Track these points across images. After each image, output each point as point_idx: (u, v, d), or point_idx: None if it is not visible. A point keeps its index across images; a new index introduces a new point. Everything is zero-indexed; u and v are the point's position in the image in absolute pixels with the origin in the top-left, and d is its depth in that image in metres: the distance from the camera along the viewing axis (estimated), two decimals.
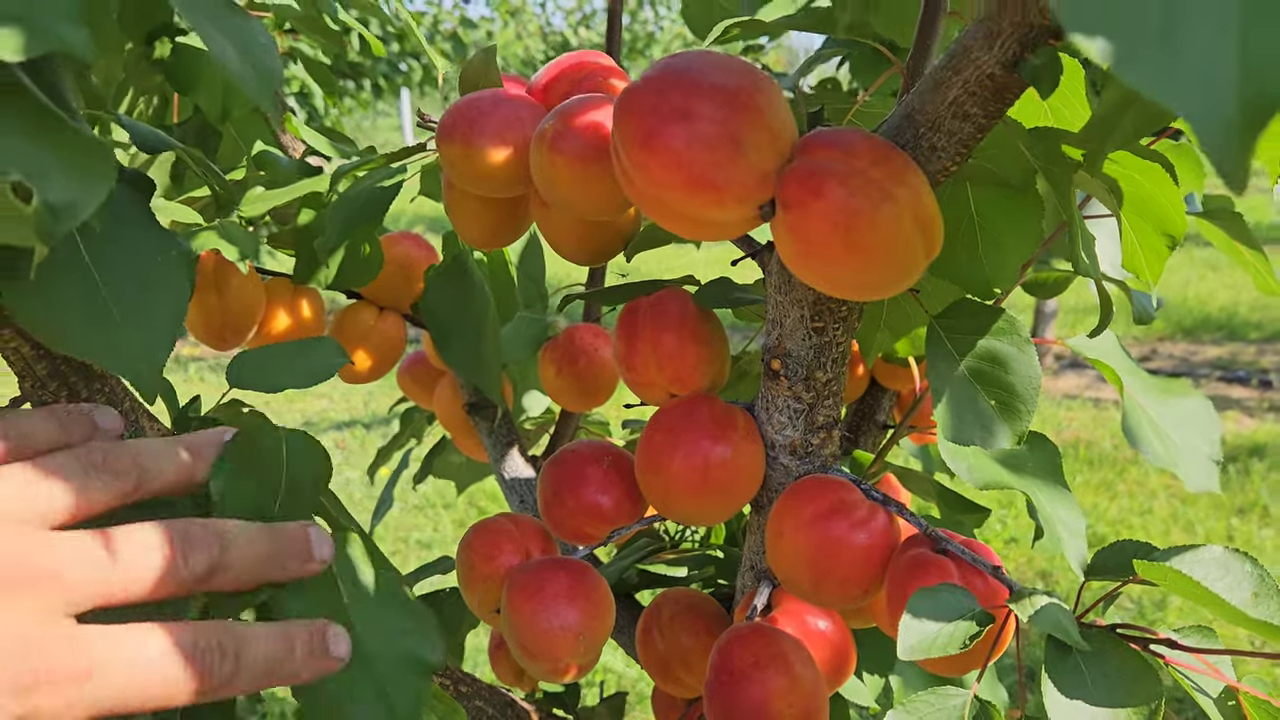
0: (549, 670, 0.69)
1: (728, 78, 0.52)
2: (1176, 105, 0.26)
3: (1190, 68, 0.26)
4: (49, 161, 0.40)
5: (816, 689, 0.68)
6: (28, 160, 0.39)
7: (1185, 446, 0.86)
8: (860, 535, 0.64)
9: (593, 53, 0.78)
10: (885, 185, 0.51)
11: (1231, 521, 3.20)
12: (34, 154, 0.40)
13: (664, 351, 0.69)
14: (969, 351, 0.69)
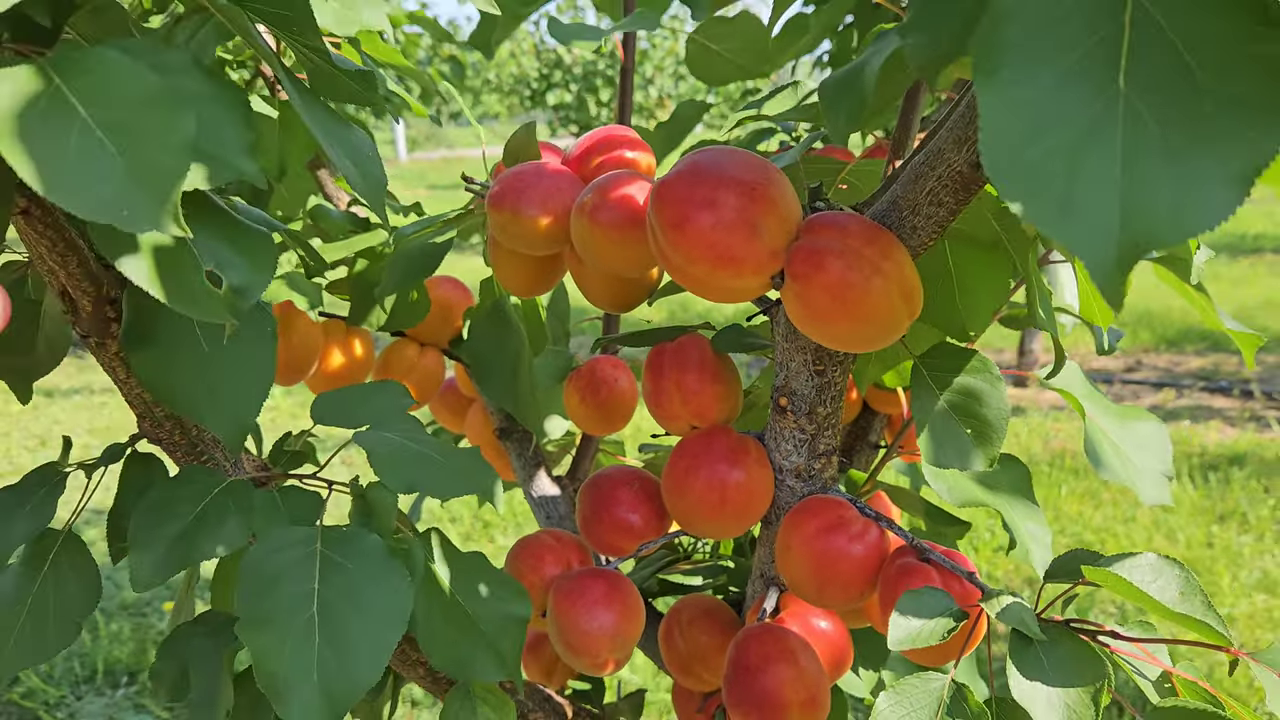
0: (589, 665, 0.80)
1: (745, 172, 0.64)
2: (1073, 249, 0.38)
3: (1084, 224, 0.38)
4: (232, 255, 0.52)
5: (820, 679, 0.80)
6: (218, 255, 0.51)
7: (1142, 466, 0.97)
8: (857, 547, 0.75)
9: (618, 127, 0.90)
10: (875, 261, 0.62)
11: (1212, 528, 3.32)
12: (222, 250, 0.51)
13: (687, 389, 0.80)
14: (947, 387, 0.80)
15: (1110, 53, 0.40)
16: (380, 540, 0.67)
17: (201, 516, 0.69)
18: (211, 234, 0.52)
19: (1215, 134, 0.38)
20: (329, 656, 0.63)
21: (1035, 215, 0.38)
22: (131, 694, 2.58)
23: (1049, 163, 0.38)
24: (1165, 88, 0.39)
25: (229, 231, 0.53)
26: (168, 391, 0.62)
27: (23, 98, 0.46)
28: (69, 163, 0.46)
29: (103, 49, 0.49)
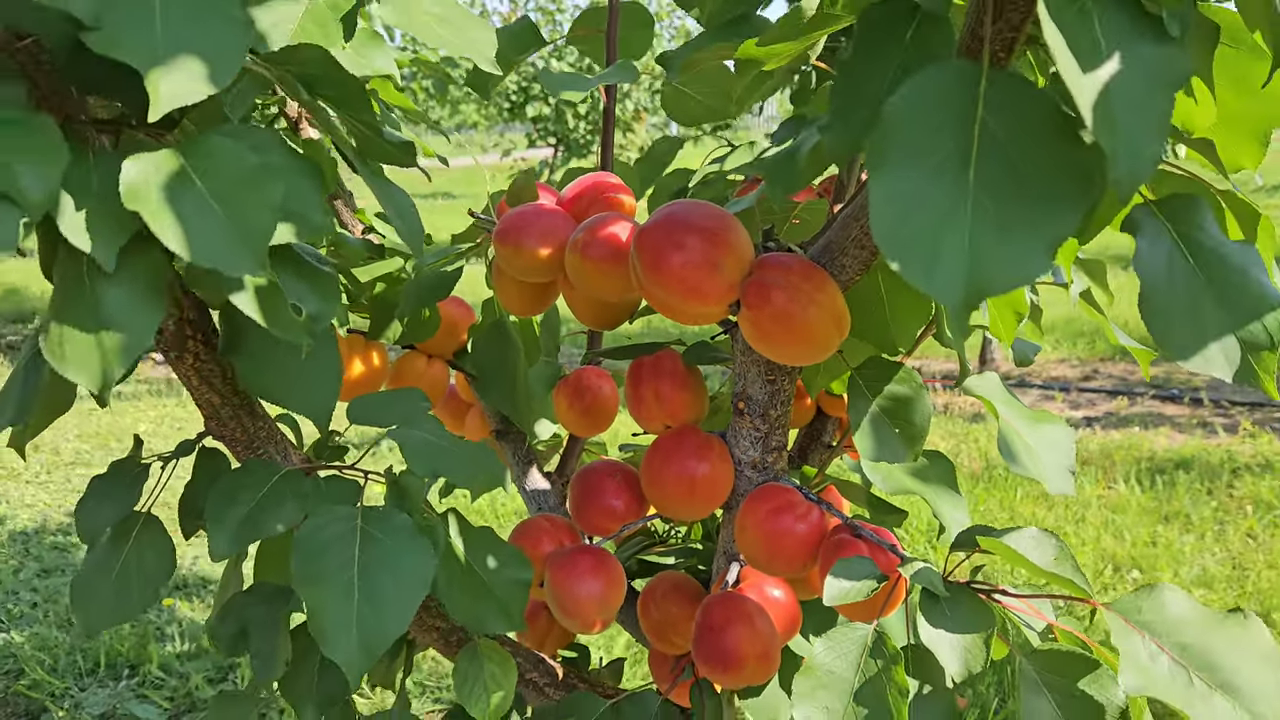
0: (581, 625, 0.96)
1: (708, 221, 0.80)
2: (934, 297, 0.54)
3: (941, 280, 0.54)
4: (307, 291, 0.67)
5: (773, 638, 0.96)
6: (298, 291, 0.66)
7: (1049, 462, 1.13)
8: (801, 526, 0.91)
9: (604, 174, 1.06)
10: (811, 294, 0.78)
11: (1157, 528, 3.52)
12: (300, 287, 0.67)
13: (662, 395, 0.96)
14: (879, 394, 0.96)
15: (964, 156, 0.56)
16: (409, 518, 0.82)
17: (264, 500, 0.84)
18: (292, 274, 0.67)
19: (1034, 217, 0.54)
20: (366, 611, 0.78)
21: (907, 274, 0.54)
22: (133, 685, 2.70)
23: (917, 236, 0.54)
24: (1001, 183, 0.55)
25: (304, 272, 0.69)
26: (262, 388, 0.78)
27: (163, 175, 0.61)
28: (190, 223, 0.61)
29: (215, 136, 0.64)
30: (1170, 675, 0.74)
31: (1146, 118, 0.52)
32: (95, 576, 0.87)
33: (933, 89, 0.57)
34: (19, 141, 0.58)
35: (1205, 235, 0.66)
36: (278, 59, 0.71)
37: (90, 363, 0.62)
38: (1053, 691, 0.80)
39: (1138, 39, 0.53)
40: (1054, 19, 0.52)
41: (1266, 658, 0.74)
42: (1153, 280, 0.65)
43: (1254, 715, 0.72)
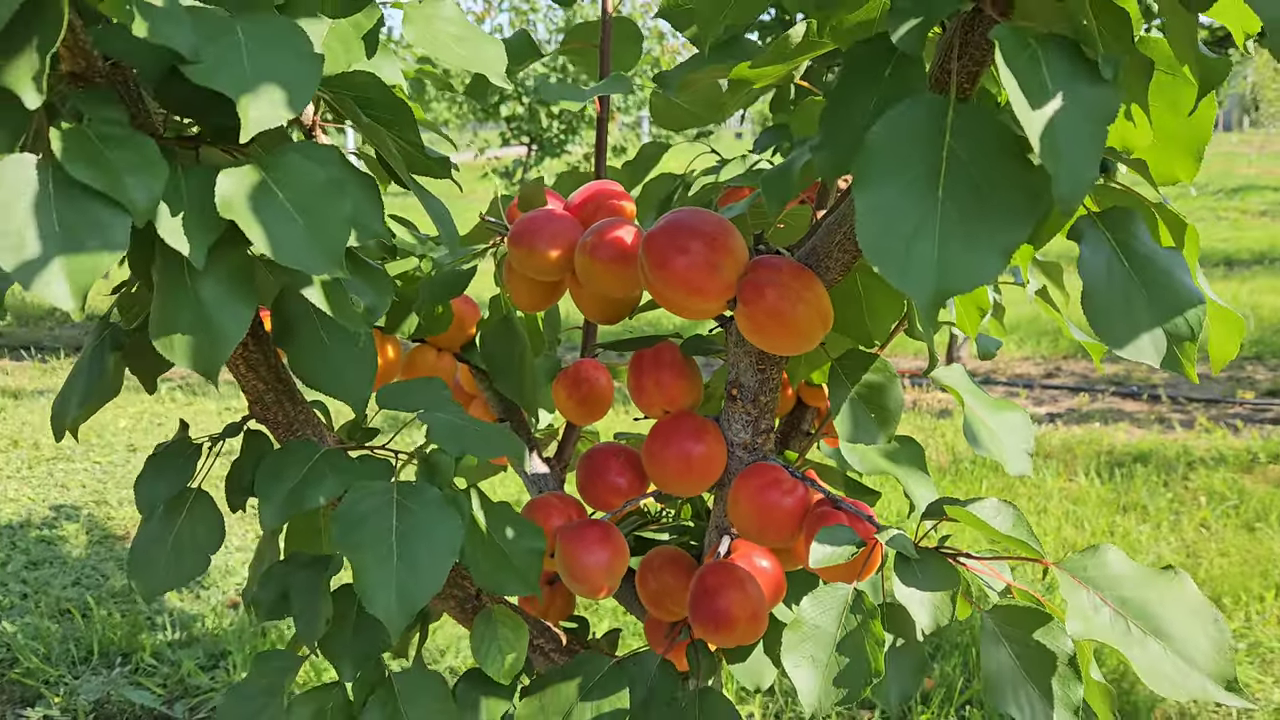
0: (589, 590, 1.06)
1: (708, 227, 0.90)
2: (908, 295, 0.64)
3: (914, 281, 0.64)
4: (364, 287, 0.77)
5: (762, 602, 1.06)
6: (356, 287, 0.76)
7: (1009, 445, 1.25)
8: (788, 500, 1.02)
9: (607, 183, 1.16)
10: (799, 292, 0.89)
11: (1115, 518, 3.67)
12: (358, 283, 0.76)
13: (662, 384, 1.06)
14: (857, 382, 1.07)
15: (933, 175, 0.66)
16: (439, 491, 0.92)
17: (307, 476, 0.93)
18: (353, 273, 0.77)
19: (992, 228, 0.65)
20: (404, 573, 0.88)
21: (886, 275, 0.65)
22: (126, 672, 2.77)
23: (895, 244, 0.65)
24: (965, 198, 0.66)
25: (363, 271, 0.78)
26: (308, 375, 0.87)
27: (248, 187, 0.71)
28: (274, 230, 0.70)
29: (289, 153, 0.74)
30: (1111, 624, 0.85)
31: (1085, 147, 0.63)
32: (151, 546, 0.96)
33: (907, 118, 0.67)
34: (125, 157, 0.67)
35: (1139, 243, 0.78)
36: (335, 84, 0.81)
37: (196, 350, 0.71)
38: (1010, 642, 0.92)
39: (1078, 80, 0.64)
40: (1009, 64, 0.62)
41: (1194, 609, 0.86)
42: (1093, 281, 0.76)
43: (1183, 657, 0.84)
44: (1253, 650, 2.81)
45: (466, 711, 1.08)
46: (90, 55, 0.72)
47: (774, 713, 2.53)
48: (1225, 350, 0.90)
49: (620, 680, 1.06)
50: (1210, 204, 14.19)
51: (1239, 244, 10.22)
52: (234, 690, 1.02)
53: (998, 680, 0.90)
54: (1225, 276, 8.51)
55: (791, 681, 0.89)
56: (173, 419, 5.06)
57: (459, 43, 1.10)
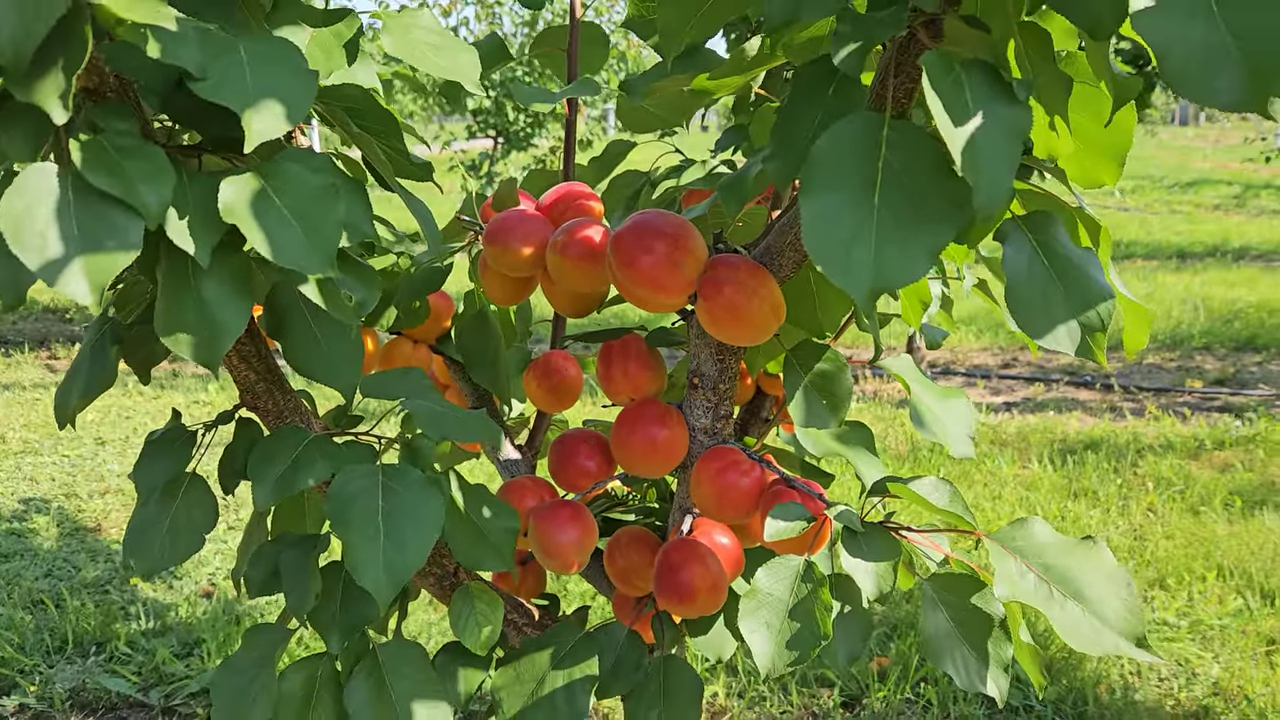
0: (560, 566, 1.13)
1: (671, 228, 0.98)
2: (849, 292, 0.72)
3: (854, 279, 0.72)
4: (355, 283, 0.84)
5: (721, 575, 1.14)
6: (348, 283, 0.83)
7: (953, 430, 1.33)
8: (745, 480, 1.10)
9: (577, 184, 1.23)
10: (754, 288, 0.97)
11: (1066, 504, 3.80)
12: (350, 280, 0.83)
13: (629, 373, 1.14)
14: (810, 371, 1.15)
15: (870, 184, 0.74)
16: (422, 474, 0.99)
17: (298, 460, 1.00)
18: (345, 271, 0.84)
19: (922, 232, 0.73)
20: (390, 549, 0.95)
21: (828, 273, 0.73)
22: (101, 661, 2.81)
23: (836, 246, 0.73)
24: (898, 206, 0.74)
25: (353, 269, 0.85)
26: (301, 365, 0.94)
27: (248, 193, 0.77)
28: (273, 233, 0.77)
29: (285, 161, 0.80)
30: (1035, 588, 0.94)
31: (1001, 161, 0.71)
32: (149, 527, 1.02)
33: (848, 133, 0.75)
34: (139, 166, 0.74)
35: (1057, 243, 0.86)
36: (328, 96, 0.87)
37: (199, 343, 0.78)
38: (948, 607, 1.00)
39: (996, 101, 0.72)
40: (934, 87, 0.70)
41: (1109, 575, 0.95)
42: (1015, 278, 0.84)
43: (1098, 617, 0.92)
44: (1194, 628, 2.94)
45: (446, 680, 1.16)
46: (103, 72, 0.78)
47: (737, 691, 2.62)
48: (1137, 340, 0.99)
49: (590, 649, 1.14)
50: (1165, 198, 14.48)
51: (1192, 237, 10.46)
52: (226, 664, 1.08)
53: (936, 641, 0.99)
54: (1178, 269, 8.72)
55: (748, 645, 0.97)
56: (140, 412, 5.07)
57: (437, 52, 1.16)
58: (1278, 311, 6.90)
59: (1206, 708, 2.56)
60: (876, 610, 2.99)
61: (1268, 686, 2.62)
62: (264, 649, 1.09)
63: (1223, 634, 2.90)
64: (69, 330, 6.95)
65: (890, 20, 0.75)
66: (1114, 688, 2.63)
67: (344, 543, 0.93)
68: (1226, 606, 3.04)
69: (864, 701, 2.60)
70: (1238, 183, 16.44)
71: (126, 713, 2.63)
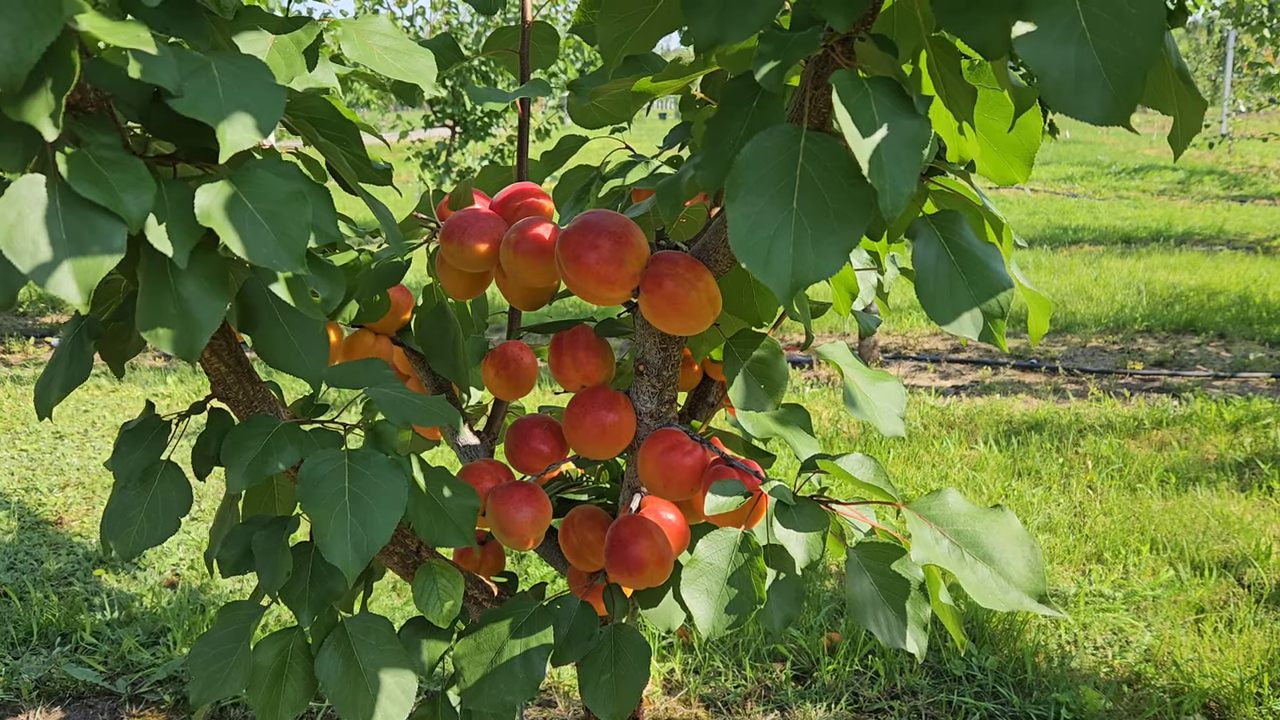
0: (516, 543, 1.21)
1: (615, 227, 1.06)
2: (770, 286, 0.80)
3: (775, 275, 0.81)
4: (321, 280, 0.91)
5: (667, 550, 1.23)
6: (315, 282, 0.90)
7: (883, 410, 1.43)
8: (688, 459, 1.18)
9: (529, 184, 1.31)
10: (692, 281, 1.05)
11: (1010, 483, 3.94)
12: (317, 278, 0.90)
13: (578, 361, 1.22)
14: (748, 358, 1.24)
15: (789, 190, 0.83)
16: (385, 457, 1.06)
17: (268, 446, 1.07)
18: (312, 269, 0.91)
19: (833, 231, 0.82)
20: (357, 526, 1.02)
21: (752, 270, 0.81)
22: (66, 651, 2.84)
23: (759, 245, 0.81)
24: (814, 207, 0.82)
25: (320, 267, 0.92)
26: (270, 356, 1.01)
27: (222, 199, 0.84)
28: (246, 235, 0.84)
29: (256, 168, 0.87)
30: (948, 552, 1.03)
31: (904, 167, 0.79)
32: (127, 511, 1.09)
33: (769, 144, 0.83)
34: (121, 176, 0.80)
35: (962, 239, 0.95)
36: (295, 108, 0.94)
37: (178, 338, 0.85)
38: (872, 573, 1.10)
39: (899, 114, 0.80)
40: (843, 102, 0.79)
41: (1016, 538, 1.04)
42: (923, 271, 0.93)
43: (1005, 577, 1.02)
44: (1129, 599, 3.08)
45: (411, 651, 1.23)
46: (85, 87, 0.84)
47: (693, 667, 2.71)
48: (1039, 326, 1.08)
49: (546, 620, 1.22)
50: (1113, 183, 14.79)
51: (1138, 222, 10.71)
52: (204, 638, 1.15)
53: (860, 603, 1.08)
54: (1124, 254, 8.94)
55: (689, 610, 1.06)
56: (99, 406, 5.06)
57: (393, 55, 1.23)
58: (1217, 295, 7.13)
59: (1138, 674, 2.70)
60: (827, 588, 3.10)
61: (1195, 653, 2.76)
62: (238, 624, 1.16)
63: (1155, 604, 3.04)
64: (22, 324, 6.89)
65: (807, 40, 0.84)
66: (1051, 656, 2.76)
67: (313, 521, 1.01)
68: (1159, 578, 3.18)
69: (814, 674, 2.70)
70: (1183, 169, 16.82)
71: (94, 701, 2.67)
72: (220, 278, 0.87)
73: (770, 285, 0.81)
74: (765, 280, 0.81)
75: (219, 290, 0.86)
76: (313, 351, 1.04)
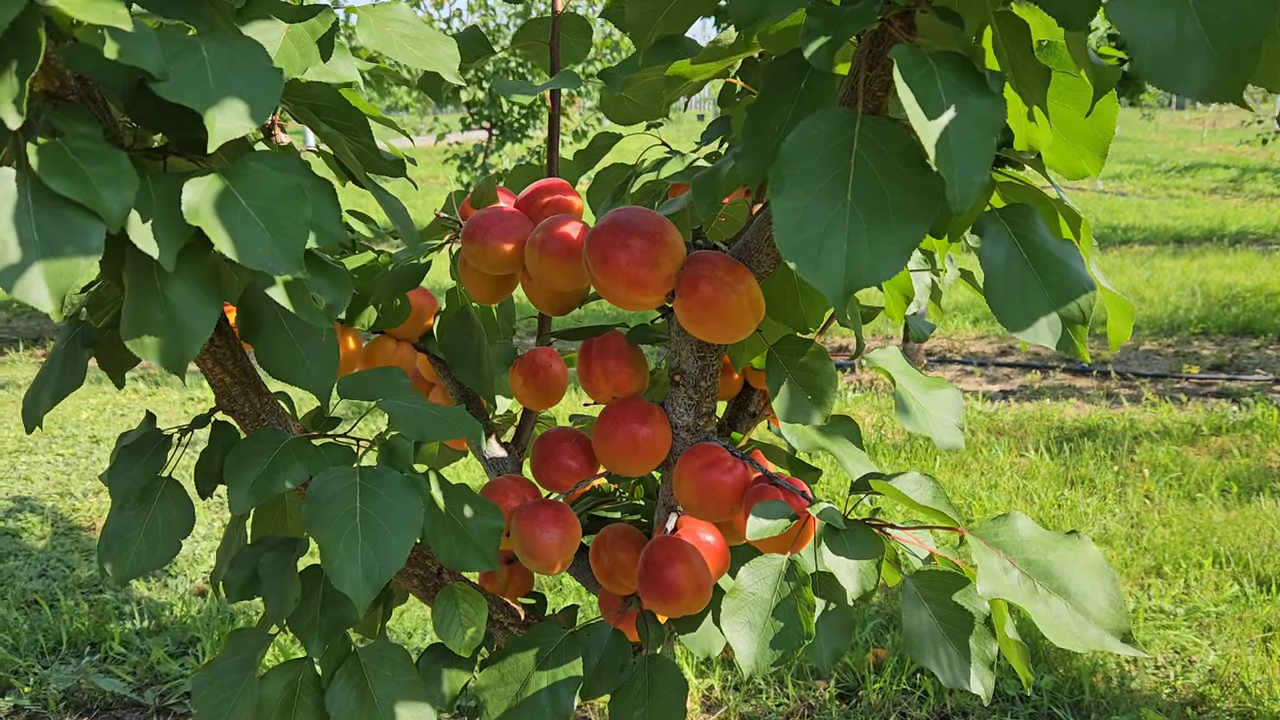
0: (543, 567, 1.12)
1: (648, 225, 0.97)
2: (821, 290, 0.71)
3: (826, 276, 0.71)
4: (325, 285, 0.82)
5: (706, 575, 1.13)
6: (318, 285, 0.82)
7: (939, 420, 1.32)
8: (728, 477, 1.09)
9: (555, 180, 1.22)
10: (733, 284, 0.96)
11: (1063, 492, 3.79)
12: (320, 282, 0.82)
13: (609, 370, 1.13)
14: (793, 366, 1.14)
15: (842, 181, 0.73)
16: (400, 475, 0.98)
17: (274, 463, 0.99)
18: (314, 272, 0.83)
19: (894, 228, 0.72)
20: (368, 550, 0.94)
21: (801, 271, 0.72)
22: (95, 661, 2.80)
23: (808, 244, 0.72)
24: (870, 200, 0.73)
25: (322, 269, 0.84)
26: (274, 367, 0.93)
27: (212, 195, 0.76)
28: (238, 234, 0.76)
29: (251, 161, 0.79)
30: (1018, 584, 0.93)
31: (975, 154, 0.70)
32: (125, 532, 1.01)
33: (819, 129, 0.74)
34: (99, 169, 0.72)
35: (1035, 235, 0.85)
36: (295, 95, 0.86)
37: (166, 348, 0.77)
38: (931, 604, 0.99)
39: (968, 93, 0.71)
40: (906, 80, 0.69)
41: (1094, 568, 0.94)
42: (993, 271, 0.83)
43: (1083, 612, 0.92)
44: (1190, 615, 2.93)
45: (430, 682, 1.15)
46: (63, 74, 0.77)
47: (733, 684, 2.61)
48: (1120, 332, 0.98)
49: (575, 650, 1.13)
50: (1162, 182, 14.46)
51: (1189, 221, 10.44)
52: (209, 667, 1.07)
53: (918, 638, 0.98)
54: (1175, 254, 8.70)
55: (731, 645, 0.96)
56: (136, 410, 5.06)
57: (413, 43, 1.15)
58: (1275, 296, 6.89)
59: (1202, 695, 2.56)
60: (873, 602, 2.99)
61: (1264, 674, 2.61)
62: (245, 653, 1.08)
63: (1219, 621, 2.90)
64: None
65: (861, 14, 0.74)
66: (1109, 676, 2.63)
67: (321, 545, 0.93)
68: (1223, 593, 3.03)
69: (860, 693, 2.59)
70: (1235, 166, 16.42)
71: (121, 713, 2.63)
72: (213, 282, 0.79)
73: (821, 288, 0.72)
74: (815, 283, 0.72)
75: (211, 296, 0.79)
76: (320, 360, 0.96)
